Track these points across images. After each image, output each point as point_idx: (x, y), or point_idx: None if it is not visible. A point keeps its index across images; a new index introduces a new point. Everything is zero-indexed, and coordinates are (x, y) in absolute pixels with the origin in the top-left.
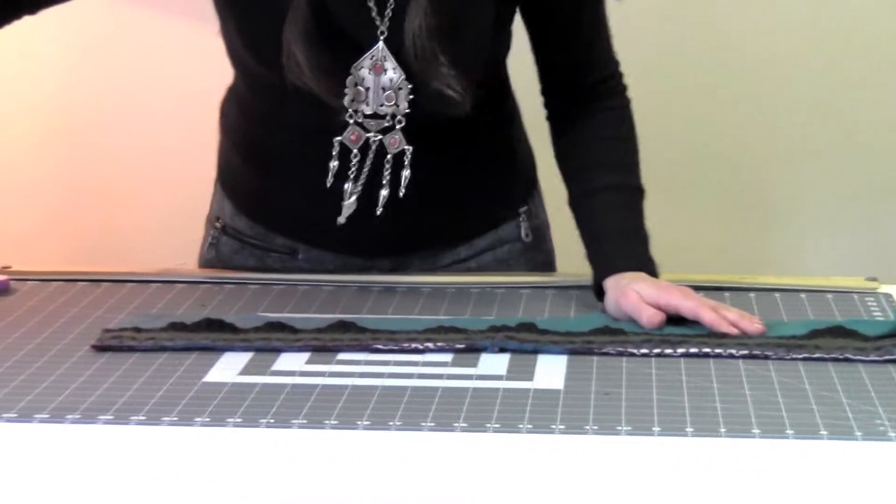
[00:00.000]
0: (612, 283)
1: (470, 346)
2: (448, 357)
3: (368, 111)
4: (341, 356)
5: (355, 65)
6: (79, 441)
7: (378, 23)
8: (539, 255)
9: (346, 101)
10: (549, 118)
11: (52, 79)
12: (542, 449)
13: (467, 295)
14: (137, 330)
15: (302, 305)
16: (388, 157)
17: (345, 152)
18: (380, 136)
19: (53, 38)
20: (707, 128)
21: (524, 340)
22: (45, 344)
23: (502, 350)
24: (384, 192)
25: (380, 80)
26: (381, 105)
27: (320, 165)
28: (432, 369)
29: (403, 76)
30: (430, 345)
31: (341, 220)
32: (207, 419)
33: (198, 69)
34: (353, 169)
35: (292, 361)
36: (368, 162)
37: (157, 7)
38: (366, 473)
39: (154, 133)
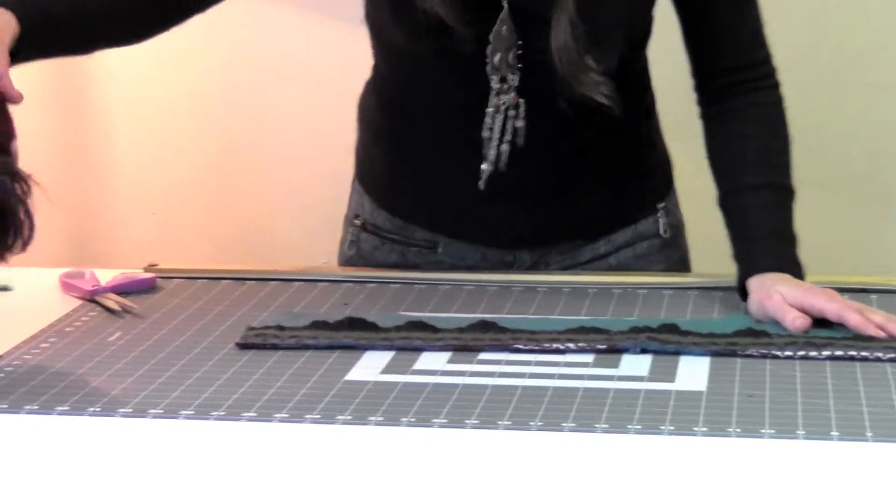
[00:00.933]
0: (755, 284)
1: (611, 346)
2: (589, 358)
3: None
4: (482, 356)
5: (493, 32)
6: (223, 437)
7: None
8: (675, 253)
9: (488, 69)
10: (702, 115)
11: (193, 79)
12: (684, 451)
13: (609, 295)
14: (280, 328)
15: (443, 305)
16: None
17: (481, 111)
18: (512, 94)
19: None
20: (853, 125)
21: (666, 342)
22: (190, 341)
23: (644, 351)
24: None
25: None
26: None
27: (462, 137)
28: (573, 370)
29: (520, 40)
30: (572, 345)
31: (481, 184)
32: (349, 417)
33: (335, 68)
34: (488, 129)
35: (433, 361)
36: (502, 120)
37: (293, 5)
38: (506, 472)
39: (296, 132)
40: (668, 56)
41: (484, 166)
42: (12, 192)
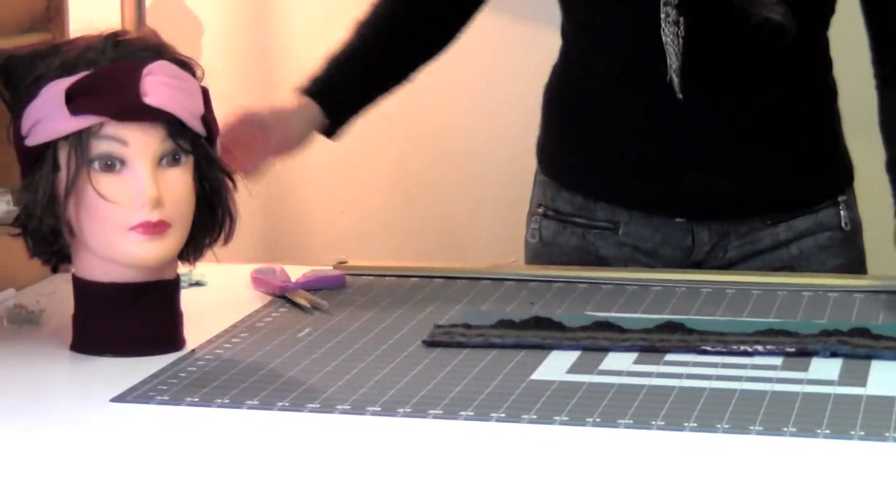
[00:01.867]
0: None
1: (801, 349)
2: (778, 360)
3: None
4: (669, 357)
5: None
6: (409, 434)
7: None
8: (854, 251)
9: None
10: (877, 86)
11: None
12: (876, 456)
13: (798, 298)
14: (467, 326)
15: (630, 305)
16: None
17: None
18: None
19: None
20: None
21: (857, 345)
22: (378, 338)
23: (834, 355)
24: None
25: None
26: None
27: (640, 99)
28: (761, 372)
29: None
30: (760, 348)
31: (677, 87)
32: (534, 416)
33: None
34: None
35: (620, 361)
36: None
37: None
38: (693, 474)
39: (483, 131)
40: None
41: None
42: (224, 188)
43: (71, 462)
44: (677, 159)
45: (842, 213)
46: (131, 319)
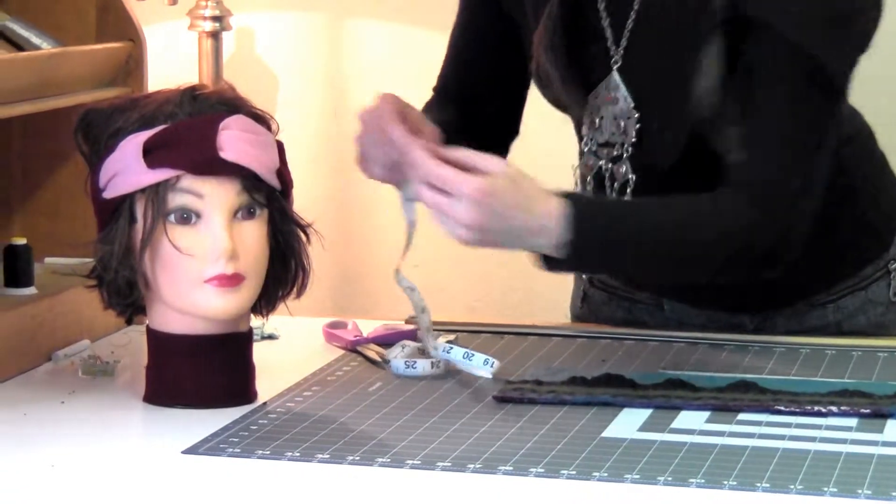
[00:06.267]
0: None
1: (876, 411)
2: (853, 422)
3: (601, 140)
4: (742, 416)
5: (592, 94)
6: (479, 490)
7: (612, 52)
8: None
9: (584, 129)
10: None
11: None
12: None
13: (873, 358)
14: (539, 382)
15: (702, 363)
16: (615, 185)
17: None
18: (610, 165)
19: None
20: None
21: None
22: (449, 393)
23: None
24: None
25: (611, 109)
26: (612, 134)
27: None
28: (836, 434)
29: (632, 105)
30: (834, 408)
31: None
32: (605, 474)
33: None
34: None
35: (692, 419)
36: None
37: None
38: None
39: None
40: None
41: None
42: (298, 241)
43: None
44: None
45: (893, 282)
46: (204, 371)
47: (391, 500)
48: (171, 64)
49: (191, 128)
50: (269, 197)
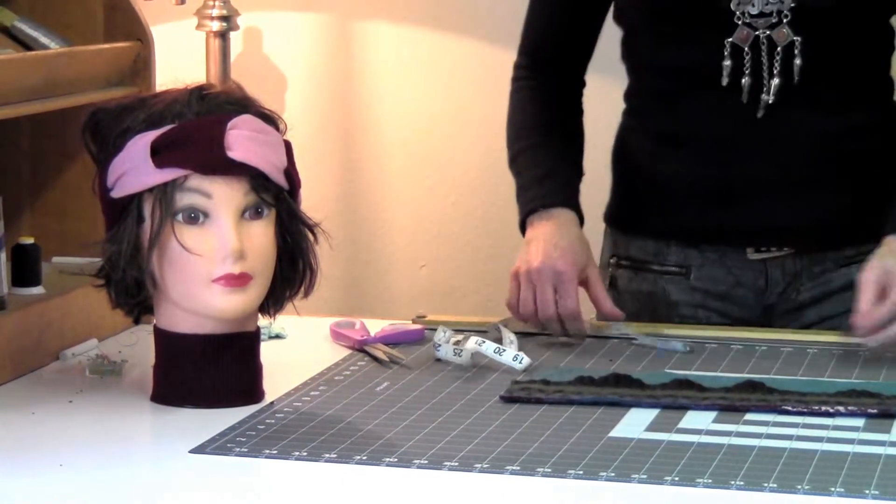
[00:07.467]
0: (884, 249)
1: (883, 411)
2: (860, 422)
3: (755, 11)
4: (749, 416)
5: None
6: (486, 490)
7: None
8: None
9: (732, 4)
10: None
11: (464, 134)
12: None
13: (881, 358)
14: (546, 382)
15: (709, 363)
16: (778, 49)
17: (736, 53)
18: (768, 32)
19: (460, 97)
20: None
21: None
22: (456, 393)
23: None
24: (776, 81)
25: None
26: (767, 4)
27: (716, 117)
28: (843, 434)
29: None
30: (842, 408)
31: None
32: (612, 474)
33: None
34: (748, 64)
35: (699, 420)
36: (762, 57)
37: None
38: None
39: None
40: None
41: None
42: (305, 241)
43: None
44: (748, 186)
45: None
46: (212, 371)
47: (398, 500)
48: (178, 64)
49: (199, 127)
50: (277, 197)
